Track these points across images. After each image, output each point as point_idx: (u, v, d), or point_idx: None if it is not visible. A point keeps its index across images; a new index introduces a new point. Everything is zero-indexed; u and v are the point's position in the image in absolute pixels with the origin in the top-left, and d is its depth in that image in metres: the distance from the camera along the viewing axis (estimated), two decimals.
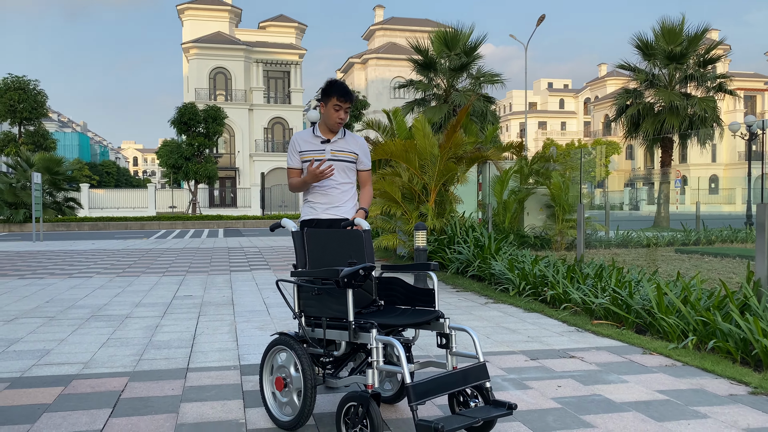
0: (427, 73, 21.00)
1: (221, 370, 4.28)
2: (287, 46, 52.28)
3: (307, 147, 4.00)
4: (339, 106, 3.92)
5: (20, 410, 3.46)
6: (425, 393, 2.73)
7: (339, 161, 4.01)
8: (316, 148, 3.99)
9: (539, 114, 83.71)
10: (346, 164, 4.03)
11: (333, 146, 4.01)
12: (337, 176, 4.01)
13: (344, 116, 3.96)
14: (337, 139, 4.02)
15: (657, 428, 3.20)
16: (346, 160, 4.04)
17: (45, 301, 7.24)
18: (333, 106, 3.91)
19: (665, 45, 22.53)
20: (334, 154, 4.00)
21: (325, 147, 3.99)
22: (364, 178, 4.18)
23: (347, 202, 4.05)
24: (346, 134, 4.10)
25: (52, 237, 21.69)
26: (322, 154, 3.97)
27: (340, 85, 3.94)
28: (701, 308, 5.04)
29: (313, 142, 4.00)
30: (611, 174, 66.11)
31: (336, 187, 4.00)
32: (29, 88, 34.56)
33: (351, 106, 3.96)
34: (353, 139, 4.11)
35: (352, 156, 4.06)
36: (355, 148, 4.08)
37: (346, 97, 3.92)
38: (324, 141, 3.99)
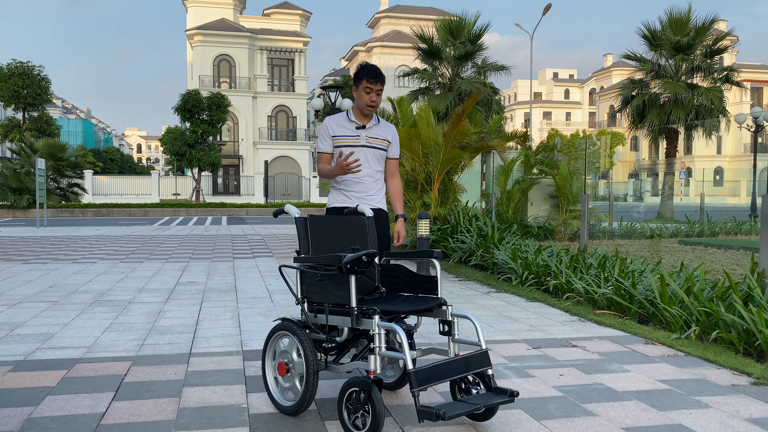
0: (431, 62, 20.92)
1: (224, 356, 4.30)
2: (292, 34, 52.07)
3: (341, 132, 3.89)
4: (369, 88, 3.80)
5: (24, 393, 3.47)
6: (427, 379, 2.73)
7: (373, 148, 3.93)
8: (351, 133, 3.89)
9: (544, 104, 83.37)
10: (379, 152, 3.96)
11: (368, 132, 3.91)
12: (372, 164, 3.93)
13: (376, 99, 3.83)
14: (372, 126, 3.93)
15: (659, 417, 3.20)
16: (380, 147, 3.96)
17: (49, 286, 7.27)
18: (364, 89, 3.81)
19: (672, 35, 22.38)
20: (369, 141, 3.91)
21: (360, 133, 3.90)
22: (392, 167, 4.08)
23: (379, 191, 4.00)
24: (381, 121, 4.01)
25: (55, 223, 21.75)
26: (357, 140, 3.88)
27: (370, 67, 3.83)
28: (704, 299, 5.03)
29: (348, 127, 3.90)
30: (615, 165, 65.91)
31: (370, 175, 3.93)
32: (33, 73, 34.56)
33: (381, 88, 3.84)
34: (387, 127, 4.03)
35: (385, 144, 3.98)
36: (389, 136, 4.00)
37: (377, 78, 3.80)
38: (359, 127, 3.90)
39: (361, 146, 3.89)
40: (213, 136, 35.40)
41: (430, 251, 3.25)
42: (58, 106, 79.83)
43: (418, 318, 3.37)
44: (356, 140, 3.88)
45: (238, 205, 31.16)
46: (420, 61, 21.21)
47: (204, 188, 43.09)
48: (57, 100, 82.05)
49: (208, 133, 34.48)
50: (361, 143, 3.89)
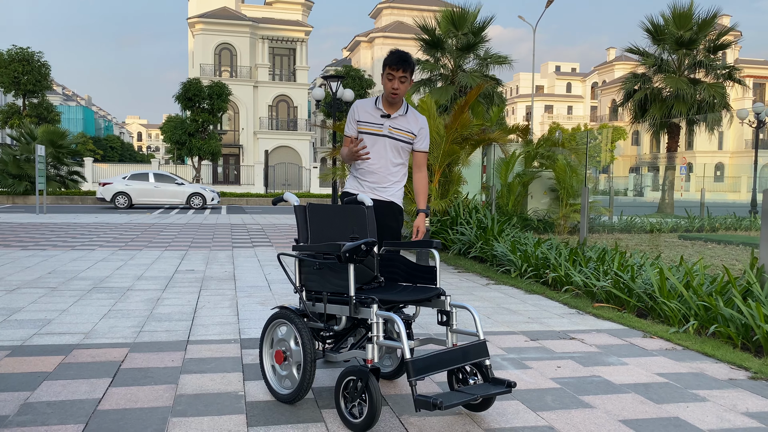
0: (433, 53, 20.85)
1: (221, 343, 4.29)
2: (293, 23, 51.86)
3: (366, 118, 3.78)
4: (392, 75, 3.65)
5: (21, 377, 3.47)
6: (424, 369, 2.73)
7: (394, 139, 3.78)
8: (376, 121, 3.78)
9: (546, 97, 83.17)
10: (401, 144, 3.80)
11: (392, 122, 3.77)
12: (389, 155, 3.79)
13: (399, 86, 3.66)
14: (398, 116, 3.79)
15: (656, 410, 3.20)
16: (402, 140, 3.80)
17: (47, 272, 7.26)
18: (386, 75, 3.67)
19: (675, 30, 22.29)
20: (392, 132, 3.77)
21: (384, 122, 3.77)
22: (420, 159, 3.89)
23: (395, 184, 3.85)
24: (409, 111, 3.84)
25: (55, 210, 21.74)
26: (380, 128, 3.77)
27: (395, 53, 3.66)
28: (703, 293, 5.02)
29: (374, 114, 3.79)
30: (616, 159, 65.85)
31: (386, 167, 3.80)
32: (33, 59, 34.42)
33: (407, 75, 3.65)
34: (414, 118, 3.85)
35: (409, 137, 3.82)
36: (415, 128, 3.82)
37: (399, 64, 3.62)
38: (384, 115, 3.77)
39: (383, 135, 3.77)
40: (213, 125, 35.32)
41: (430, 241, 3.23)
42: (59, 93, 79.62)
43: (417, 308, 3.36)
44: (379, 128, 3.77)
45: (238, 194, 31.13)
46: (422, 52, 21.13)
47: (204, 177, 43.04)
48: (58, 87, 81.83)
49: (209, 122, 34.40)
50: (383, 132, 3.77)
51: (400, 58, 3.63)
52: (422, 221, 3.79)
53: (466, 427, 2.92)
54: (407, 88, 3.70)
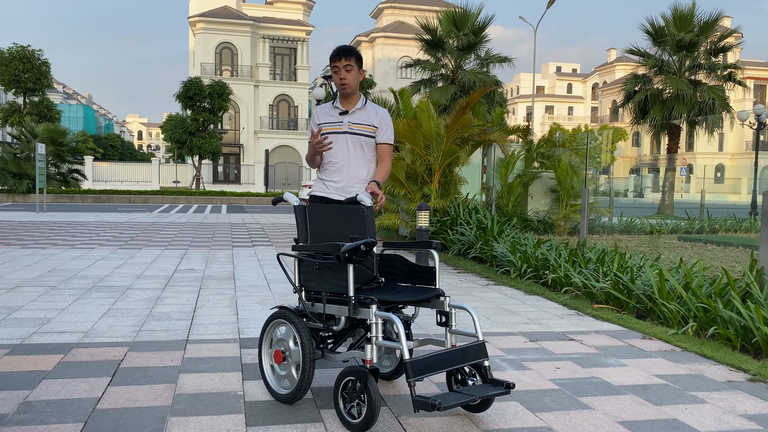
0: (434, 53, 20.83)
1: (221, 343, 4.30)
2: (294, 23, 51.86)
3: (326, 119, 3.75)
4: (336, 67, 3.62)
5: (20, 376, 3.47)
6: (423, 369, 2.73)
7: (357, 135, 3.71)
8: (334, 120, 3.73)
9: (546, 98, 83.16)
10: (364, 138, 3.73)
11: (351, 118, 3.72)
12: (353, 152, 3.73)
13: (346, 75, 3.62)
14: (356, 110, 3.73)
15: (654, 412, 3.20)
16: (364, 134, 3.73)
17: (47, 271, 7.26)
18: (332, 70, 3.64)
19: (676, 32, 22.28)
20: (352, 127, 3.71)
21: (343, 119, 3.72)
22: (383, 151, 3.81)
23: (362, 182, 3.75)
24: (367, 104, 3.78)
25: (55, 208, 21.74)
26: (340, 126, 3.71)
27: (335, 49, 3.66)
28: (702, 295, 5.02)
29: (332, 114, 3.75)
30: (617, 160, 65.83)
31: (351, 164, 3.73)
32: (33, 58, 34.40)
33: (350, 62, 3.62)
34: (373, 110, 3.78)
35: (370, 129, 3.75)
36: (375, 120, 3.76)
37: (339, 55, 3.60)
38: (342, 112, 3.72)
39: (344, 132, 3.70)
40: (214, 124, 35.33)
41: (429, 242, 3.23)
42: (60, 91, 79.61)
43: (416, 308, 3.36)
44: (339, 126, 3.70)
45: (238, 193, 31.14)
46: (423, 52, 21.12)
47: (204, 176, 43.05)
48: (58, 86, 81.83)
49: (209, 121, 34.40)
50: (344, 129, 3.70)
51: (338, 50, 3.62)
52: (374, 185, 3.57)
53: (464, 428, 2.92)
54: (357, 77, 3.65)
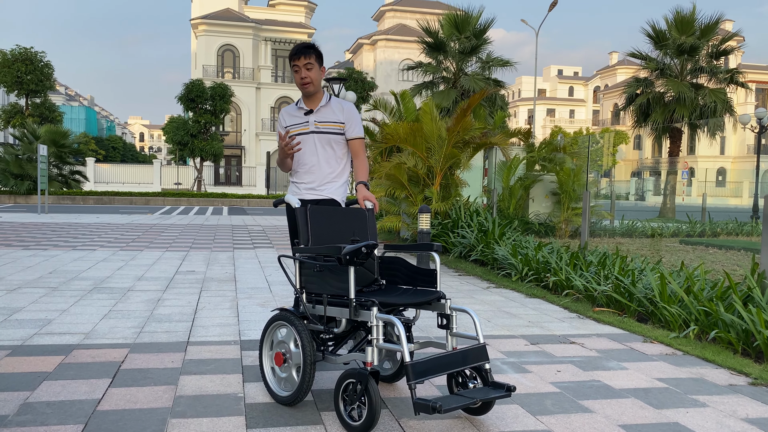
0: (436, 56, 20.86)
1: (221, 345, 4.29)
2: (296, 25, 51.93)
3: (292, 121, 3.67)
4: (296, 66, 3.53)
5: (20, 377, 3.47)
6: (424, 372, 2.72)
7: (324, 134, 3.62)
8: (300, 120, 3.65)
9: (548, 101, 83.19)
10: (332, 137, 3.64)
11: (317, 116, 3.63)
12: (322, 152, 3.64)
13: (307, 74, 3.53)
14: (321, 108, 3.63)
15: (655, 415, 3.19)
16: (332, 131, 3.63)
17: (48, 272, 7.27)
18: (293, 69, 3.57)
19: (677, 35, 22.29)
20: (318, 126, 3.62)
21: (308, 119, 3.63)
22: (356, 147, 3.73)
23: (334, 181, 3.67)
24: (332, 101, 3.68)
25: (56, 209, 21.76)
26: (306, 126, 3.63)
27: (294, 47, 3.58)
28: (704, 298, 5.01)
29: (297, 115, 3.67)
30: (618, 163, 65.81)
31: (321, 164, 3.64)
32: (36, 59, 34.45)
33: (311, 60, 3.52)
34: (339, 106, 3.68)
35: (337, 126, 3.65)
36: (341, 117, 3.66)
37: (299, 53, 3.50)
38: (307, 112, 3.64)
39: (311, 132, 3.62)
40: (216, 126, 35.35)
41: (430, 244, 3.23)
42: (62, 93, 79.75)
43: (417, 311, 3.36)
44: (305, 126, 3.62)
45: (240, 195, 31.16)
46: (424, 55, 21.15)
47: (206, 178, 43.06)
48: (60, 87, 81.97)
49: (211, 123, 34.44)
50: (311, 129, 3.62)
51: (298, 48, 3.53)
52: (363, 190, 3.52)
53: (465, 431, 2.92)
54: (318, 75, 3.57)
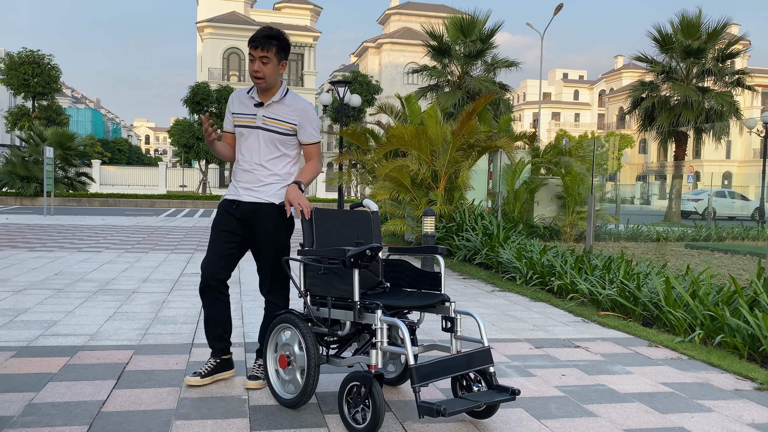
0: (441, 59, 20.88)
1: None
2: (302, 29, 52.06)
3: (240, 109, 3.37)
4: (252, 56, 3.23)
5: (26, 378, 3.48)
6: (428, 375, 2.72)
7: (268, 131, 3.32)
8: (248, 111, 3.35)
9: (553, 104, 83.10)
10: (277, 136, 3.33)
11: (266, 111, 3.32)
12: (264, 151, 3.35)
13: (260, 68, 3.21)
14: (272, 103, 3.33)
15: (660, 420, 3.18)
16: (279, 131, 3.32)
17: (53, 274, 7.29)
18: (249, 57, 3.25)
19: (683, 39, 22.25)
20: (265, 122, 3.32)
21: (257, 111, 3.33)
22: (310, 152, 3.42)
23: (274, 184, 3.37)
24: (287, 97, 3.35)
25: (62, 211, 21.84)
26: (253, 119, 3.33)
27: (256, 33, 3.24)
28: (709, 303, 4.99)
29: (246, 104, 3.36)
30: (623, 167, 65.65)
31: (262, 164, 3.35)
32: (43, 62, 34.65)
33: (268, 54, 3.20)
34: (294, 104, 3.36)
35: (287, 127, 3.34)
36: (294, 117, 3.34)
37: (256, 43, 3.18)
38: (257, 104, 3.33)
39: (256, 127, 3.32)
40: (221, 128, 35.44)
41: (435, 247, 3.23)
42: (68, 95, 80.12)
43: (421, 314, 3.36)
44: (252, 120, 3.32)
45: None
46: (429, 58, 21.17)
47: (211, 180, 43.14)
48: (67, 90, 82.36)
49: (217, 126, 34.48)
50: (257, 124, 3.32)
51: (258, 37, 3.19)
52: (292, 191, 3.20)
53: None
54: (275, 70, 3.25)
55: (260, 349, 3.57)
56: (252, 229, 3.41)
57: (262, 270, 3.47)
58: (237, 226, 3.42)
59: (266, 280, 3.48)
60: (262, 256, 3.43)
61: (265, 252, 3.41)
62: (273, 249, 3.41)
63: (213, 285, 3.40)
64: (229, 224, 3.41)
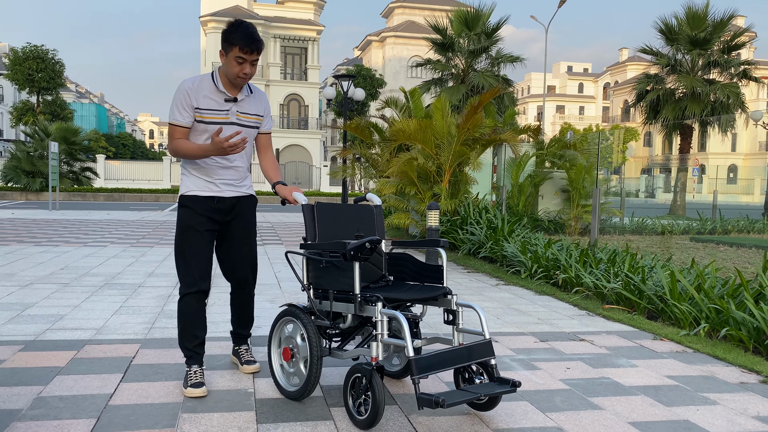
0: (445, 53, 20.82)
1: (231, 341, 4.31)
2: (305, 22, 51.94)
3: (207, 104, 3.22)
4: (242, 58, 3.14)
5: (33, 372, 3.51)
6: (427, 367, 2.74)
7: (243, 126, 3.33)
8: (219, 107, 3.24)
9: (557, 98, 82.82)
10: (251, 131, 3.39)
11: (239, 107, 3.30)
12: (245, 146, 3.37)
13: (249, 71, 3.19)
14: (245, 98, 3.32)
15: (665, 413, 3.18)
16: (252, 125, 3.37)
17: (59, 268, 7.33)
18: (235, 59, 3.13)
19: (689, 30, 22.13)
20: (240, 118, 3.30)
21: (230, 107, 3.27)
22: (266, 141, 3.52)
23: (248, 176, 3.50)
24: (254, 91, 3.40)
25: (67, 206, 21.91)
26: (226, 115, 3.26)
27: (245, 31, 3.12)
28: (715, 296, 4.99)
29: (216, 99, 3.24)
30: (628, 160, 65.45)
31: (241, 157, 3.40)
32: (47, 57, 34.70)
33: (257, 58, 3.18)
34: (259, 98, 3.42)
35: (257, 120, 3.39)
36: (260, 108, 3.41)
37: (252, 47, 3.11)
38: (229, 99, 3.26)
39: (230, 123, 3.28)
40: None
41: (437, 240, 3.23)
42: (72, 90, 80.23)
43: (423, 307, 3.36)
44: (225, 116, 3.25)
45: None
46: (434, 52, 21.12)
47: None
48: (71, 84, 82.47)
49: None
50: (231, 120, 3.28)
51: (253, 38, 3.12)
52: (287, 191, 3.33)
53: (474, 428, 2.92)
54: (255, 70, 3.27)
55: (238, 334, 3.69)
56: (233, 222, 3.47)
57: (242, 259, 3.50)
58: (215, 224, 3.40)
59: (243, 269, 3.53)
60: (244, 247, 3.51)
61: (246, 241, 3.51)
62: (253, 238, 3.56)
63: (204, 288, 3.35)
64: (209, 224, 3.37)
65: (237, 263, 3.52)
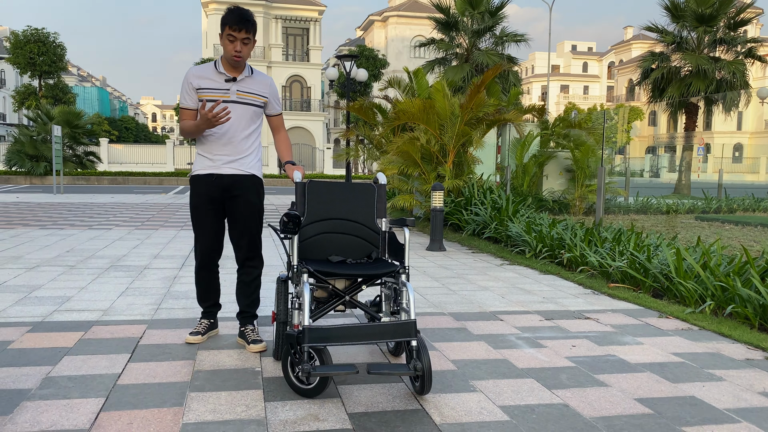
0: (448, 33, 20.64)
1: (237, 320, 4.33)
2: (307, 3, 51.48)
3: (207, 84, 3.44)
4: (233, 36, 3.35)
5: (42, 352, 3.53)
6: (323, 338, 2.86)
7: (245, 104, 3.50)
8: (219, 86, 3.45)
9: (562, 77, 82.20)
10: (253, 109, 3.53)
11: (239, 86, 3.48)
12: (242, 122, 3.51)
13: (242, 49, 3.37)
14: (244, 78, 3.50)
15: (671, 389, 3.19)
16: (254, 103, 3.53)
17: (65, 251, 7.35)
18: (227, 37, 3.37)
19: (695, 7, 21.85)
20: (241, 96, 3.48)
21: (229, 86, 3.46)
22: (278, 122, 3.73)
23: (252, 154, 3.59)
24: (255, 73, 3.57)
25: (72, 190, 21.95)
26: (226, 94, 3.45)
27: (236, 11, 3.34)
28: (720, 274, 4.98)
29: (215, 80, 3.45)
30: (633, 140, 65.08)
31: (240, 135, 3.51)
32: (48, 41, 34.52)
33: (249, 36, 3.38)
34: (262, 79, 3.59)
35: (260, 99, 3.55)
36: (264, 90, 3.58)
37: (241, 25, 3.32)
38: (229, 79, 3.46)
39: (231, 102, 3.47)
40: None
41: (403, 219, 3.30)
42: (74, 74, 79.93)
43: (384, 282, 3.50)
44: (225, 94, 3.45)
45: None
46: (437, 31, 20.93)
47: None
48: (73, 68, 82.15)
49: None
50: (232, 98, 3.46)
51: (242, 17, 3.33)
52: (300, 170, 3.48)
53: (480, 404, 2.93)
54: (251, 50, 3.44)
55: (244, 313, 3.80)
56: (233, 200, 3.59)
57: (241, 238, 3.64)
58: (218, 200, 3.59)
59: (244, 248, 3.66)
60: (243, 226, 3.61)
61: (247, 221, 3.61)
62: (254, 218, 3.64)
63: (214, 261, 3.72)
64: (214, 200, 3.58)
65: (239, 242, 3.66)
